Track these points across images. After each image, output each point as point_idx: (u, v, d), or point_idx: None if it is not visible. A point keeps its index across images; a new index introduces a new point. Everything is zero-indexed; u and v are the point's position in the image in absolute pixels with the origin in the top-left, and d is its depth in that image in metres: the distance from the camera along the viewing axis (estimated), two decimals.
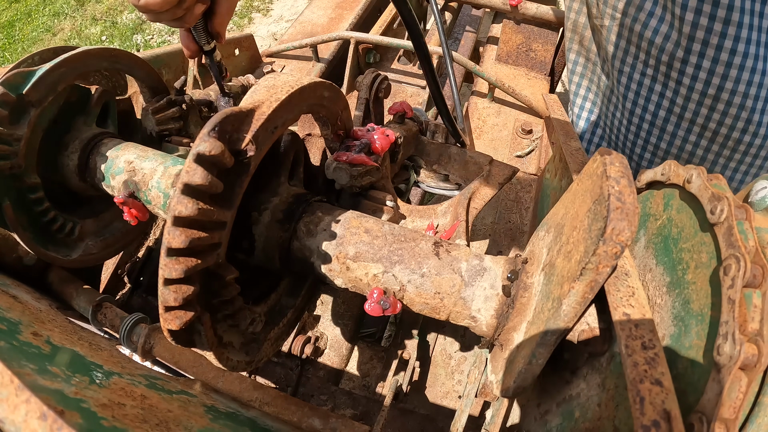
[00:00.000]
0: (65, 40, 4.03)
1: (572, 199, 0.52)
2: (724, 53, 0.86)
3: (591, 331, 0.50)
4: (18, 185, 0.75)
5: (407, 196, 1.03)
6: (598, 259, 0.42)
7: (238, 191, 0.52)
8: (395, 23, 1.80)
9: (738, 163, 0.99)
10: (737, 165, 1.00)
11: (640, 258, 0.61)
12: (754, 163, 0.98)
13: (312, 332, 0.96)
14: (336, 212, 0.67)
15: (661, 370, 0.39)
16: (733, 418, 0.38)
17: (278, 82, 0.57)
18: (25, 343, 0.49)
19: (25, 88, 0.69)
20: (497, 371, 0.55)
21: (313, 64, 1.61)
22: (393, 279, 0.61)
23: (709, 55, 0.88)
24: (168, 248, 0.46)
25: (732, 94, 0.89)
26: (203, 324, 0.52)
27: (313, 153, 0.83)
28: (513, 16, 1.59)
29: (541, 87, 1.59)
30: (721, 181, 0.50)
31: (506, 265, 0.59)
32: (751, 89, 0.87)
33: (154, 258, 1.09)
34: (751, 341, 0.39)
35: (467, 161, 0.99)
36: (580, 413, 0.49)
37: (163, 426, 0.45)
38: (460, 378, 0.98)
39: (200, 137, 0.47)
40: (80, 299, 0.83)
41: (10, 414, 0.30)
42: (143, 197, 0.74)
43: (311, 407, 0.69)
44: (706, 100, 0.93)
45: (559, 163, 0.93)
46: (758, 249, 0.42)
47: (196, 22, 0.70)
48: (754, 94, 0.88)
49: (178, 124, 0.93)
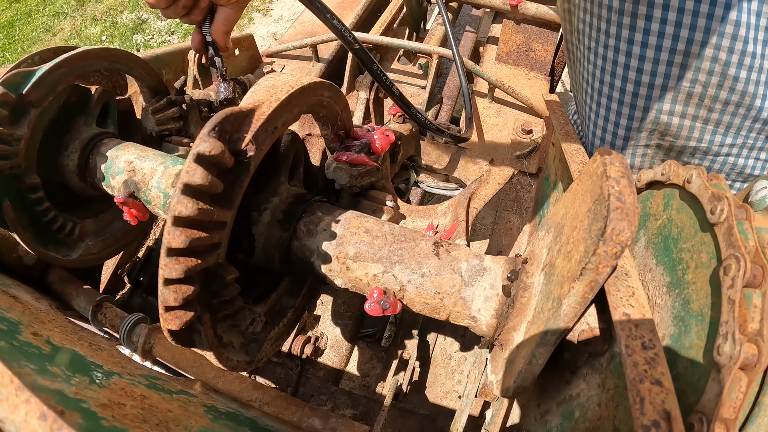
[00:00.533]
0: (65, 40, 4.03)
1: (572, 199, 0.52)
2: (689, 2, 0.80)
3: (591, 331, 0.50)
4: (18, 185, 0.75)
5: (407, 196, 1.03)
6: (598, 259, 0.42)
7: (238, 191, 0.52)
8: (395, 23, 1.80)
9: (716, 125, 0.92)
10: (715, 127, 0.93)
11: (640, 258, 0.61)
12: (733, 122, 0.91)
13: (312, 332, 0.96)
14: (336, 212, 0.67)
15: (661, 370, 0.39)
16: (733, 418, 0.38)
17: (278, 82, 0.57)
18: (25, 343, 0.49)
19: (25, 88, 0.69)
20: (497, 371, 0.55)
21: (313, 64, 1.61)
22: (393, 279, 0.61)
23: (674, 6, 0.81)
24: (168, 248, 0.46)
25: (702, 46, 0.83)
26: (203, 324, 0.53)
27: (313, 153, 0.83)
28: (513, 16, 1.59)
29: (541, 87, 1.59)
30: (721, 182, 0.50)
31: (506, 265, 0.59)
32: (722, 41, 0.81)
33: (154, 258, 1.09)
34: (751, 341, 0.39)
35: (467, 161, 0.99)
36: (580, 413, 0.49)
37: (163, 426, 0.45)
38: (460, 378, 0.98)
39: (200, 137, 0.47)
40: (80, 299, 0.83)
41: (10, 414, 0.30)
42: (143, 197, 0.74)
43: (311, 407, 0.69)
44: (677, 58, 0.87)
45: (559, 163, 0.93)
46: (758, 249, 0.42)
47: (200, 20, 0.73)
48: (728, 46, 0.82)
49: (178, 124, 0.93)
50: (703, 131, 0.94)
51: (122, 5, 4.33)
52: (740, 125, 0.91)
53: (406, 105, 0.73)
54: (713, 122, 0.92)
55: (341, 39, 0.66)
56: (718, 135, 0.94)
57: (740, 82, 0.84)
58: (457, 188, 0.98)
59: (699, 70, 0.86)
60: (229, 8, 0.73)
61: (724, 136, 0.93)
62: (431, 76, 1.45)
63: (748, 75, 0.83)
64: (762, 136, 0.91)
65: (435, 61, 1.43)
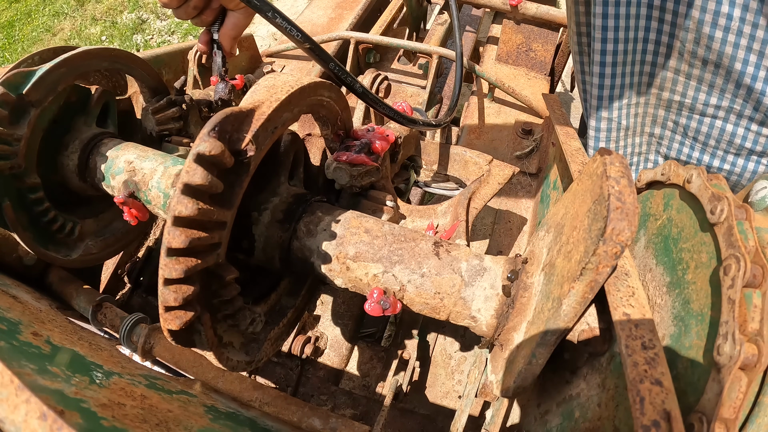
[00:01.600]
0: (65, 40, 4.03)
1: (572, 199, 0.52)
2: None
3: (591, 331, 0.50)
4: (18, 185, 0.75)
5: (407, 196, 1.03)
6: (598, 259, 0.42)
7: (238, 191, 0.52)
8: (395, 23, 1.80)
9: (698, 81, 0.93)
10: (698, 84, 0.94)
11: (640, 258, 0.61)
12: (715, 82, 0.92)
13: (312, 332, 0.96)
14: (336, 212, 0.67)
15: (661, 370, 0.39)
16: (733, 418, 0.38)
17: (278, 82, 0.57)
18: (25, 343, 0.49)
19: (25, 88, 0.69)
20: (497, 371, 0.55)
21: (313, 64, 1.61)
22: (393, 279, 0.61)
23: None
24: (168, 248, 0.46)
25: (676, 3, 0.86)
26: (203, 324, 0.53)
27: (313, 153, 0.83)
28: (513, 16, 1.59)
29: (541, 87, 1.59)
30: (721, 181, 0.50)
31: (506, 265, 0.59)
32: None
33: (154, 258, 1.09)
34: (751, 341, 0.39)
35: (467, 161, 0.99)
36: (580, 413, 0.49)
37: (163, 426, 0.45)
38: (460, 378, 0.98)
39: (200, 137, 0.47)
40: (80, 299, 0.83)
41: (10, 414, 0.30)
42: (143, 197, 0.74)
43: (311, 407, 0.69)
44: (654, 13, 0.90)
45: (559, 163, 0.93)
46: (758, 249, 0.42)
47: (210, 22, 0.75)
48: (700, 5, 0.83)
49: (178, 124, 0.93)
50: (686, 86, 0.96)
51: (122, 5, 4.33)
52: (723, 87, 0.91)
53: (373, 101, 0.74)
54: (695, 78, 0.93)
55: (289, 38, 0.66)
56: (701, 93, 0.94)
57: (715, 41, 0.85)
58: (457, 188, 0.98)
59: (675, 25, 0.89)
60: (238, 13, 0.74)
61: (707, 95, 0.94)
62: (431, 76, 1.45)
63: (724, 36, 0.83)
64: (748, 104, 0.89)
65: (435, 61, 1.43)
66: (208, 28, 0.76)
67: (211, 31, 0.76)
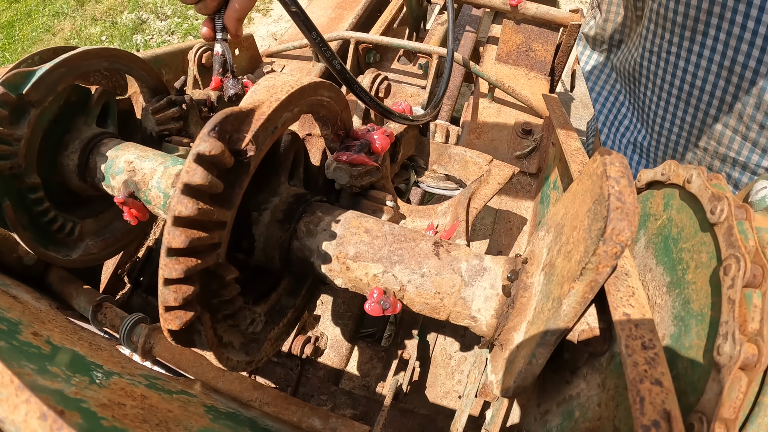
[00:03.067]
0: (65, 40, 4.03)
1: (572, 199, 0.52)
2: (735, 27, 0.91)
3: (591, 331, 0.50)
4: (18, 185, 0.75)
5: (407, 196, 1.03)
6: (598, 259, 0.42)
7: (238, 191, 0.52)
8: (395, 23, 1.80)
9: (753, 144, 1.00)
10: (752, 146, 1.01)
11: (640, 258, 0.61)
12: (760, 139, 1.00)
13: (312, 332, 0.96)
14: (336, 212, 0.67)
15: (661, 370, 0.39)
16: (733, 418, 0.38)
17: (278, 82, 0.57)
18: (25, 343, 0.49)
19: (25, 88, 0.69)
20: (497, 371, 0.55)
21: (313, 64, 1.61)
22: (393, 279, 0.61)
23: (723, 28, 0.93)
24: (168, 248, 0.46)
25: (743, 68, 0.94)
26: (203, 324, 0.53)
27: (313, 153, 0.83)
28: (513, 16, 1.59)
29: (541, 87, 1.59)
30: (721, 181, 0.50)
31: (506, 265, 0.59)
32: (761, 67, 0.91)
33: (154, 258, 1.09)
34: (751, 341, 0.39)
35: (467, 161, 0.99)
36: (580, 413, 0.49)
37: (163, 426, 0.45)
38: (460, 378, 0.98)
39: (200, 137, 0.47)
40: (80, 299, 0.83)
41: (10, 414, 0.30)
42: (143, 197, 0.74)
43: (311, 407, 0.69)
44: (723, 72, 0.98)
45: (559, 163, 0.93)
46: (758, 249, 0.42)
47: (213, 11, 0.75)
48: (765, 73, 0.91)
49: (178, 124, 0.93)
50: (742, 146, 1.03)
51: (122, 5, 4.32)
52: None
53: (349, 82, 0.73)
54: (750, 141, 1.01)
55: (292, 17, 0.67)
56: (754, 154, 1.02)
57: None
58: (457, 188, 0.98)
59: (740, 88, 0.96)
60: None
61: (761, 157, 1.01)
62: (431, 76, 1.45)
63: None
64: None
65: (435, 61, 1.43)
66: (211, 18, 0.76)
67: (214, 22, 0.76)
